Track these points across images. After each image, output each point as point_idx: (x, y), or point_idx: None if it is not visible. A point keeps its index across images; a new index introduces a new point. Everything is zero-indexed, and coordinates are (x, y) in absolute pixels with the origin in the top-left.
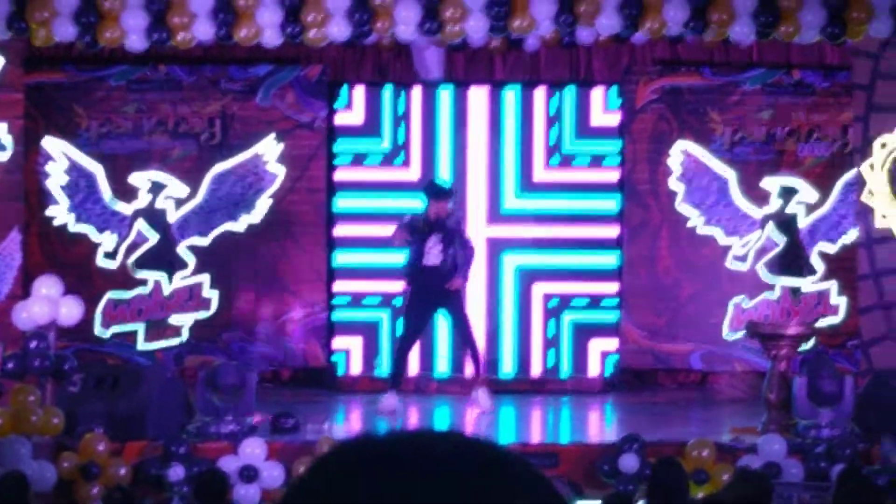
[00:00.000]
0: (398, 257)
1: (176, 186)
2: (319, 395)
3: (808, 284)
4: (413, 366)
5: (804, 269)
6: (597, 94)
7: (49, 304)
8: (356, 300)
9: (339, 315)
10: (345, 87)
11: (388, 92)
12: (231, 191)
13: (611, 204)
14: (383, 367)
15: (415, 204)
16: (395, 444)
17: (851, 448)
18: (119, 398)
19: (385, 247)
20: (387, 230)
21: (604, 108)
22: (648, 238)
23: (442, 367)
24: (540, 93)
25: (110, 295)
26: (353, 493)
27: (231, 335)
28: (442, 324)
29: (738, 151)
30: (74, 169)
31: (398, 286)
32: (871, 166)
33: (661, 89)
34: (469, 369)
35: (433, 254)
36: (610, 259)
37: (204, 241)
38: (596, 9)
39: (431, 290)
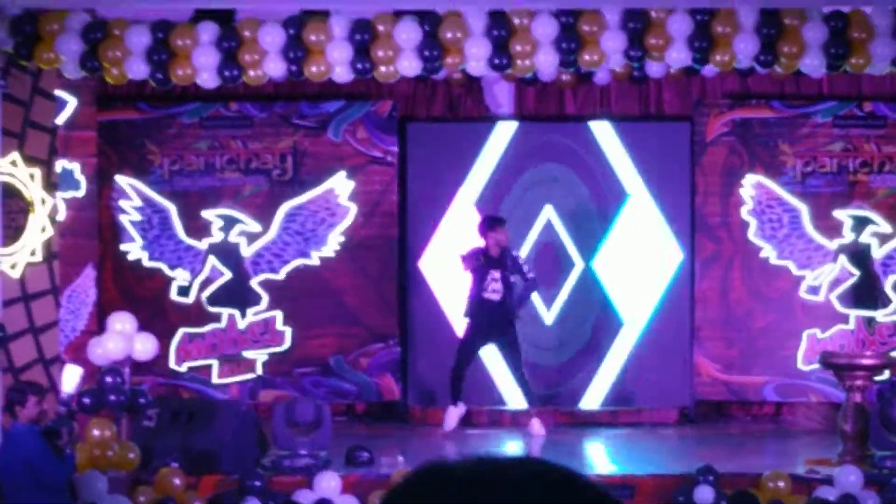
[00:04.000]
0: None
1: (248, 222)
2: (393, 428)
3: (882, 315)
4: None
5: (878, 300)
6: (667, 127)
7: (124, 339)
8: (427, 332)
9: (411, 348)
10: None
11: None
12: (303, 227)
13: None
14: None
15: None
16: (469, 470)
17: None
18: (194, 432)
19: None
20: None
21: (675, 142)
22: (720, 270)
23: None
24: (610, 126)
25: (184, 330)
26: None
27: (304, 369)
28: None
29: (809, 183)
30: (147, 205)
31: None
32: None
33: (731, 122)
34: (519, 400)
35: (493, 288)
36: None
37: (277, 277)
38: (666, 42)
39: (491, 323)
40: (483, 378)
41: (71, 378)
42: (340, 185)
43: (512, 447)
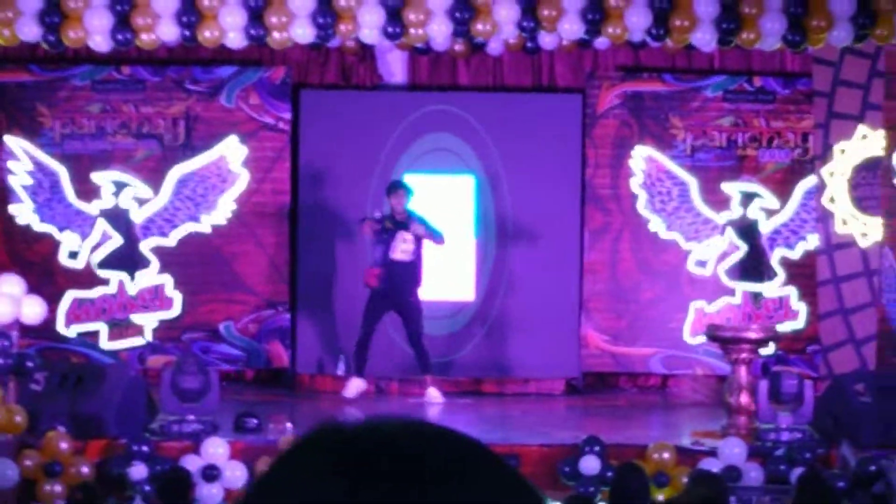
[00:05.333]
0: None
1: (139, 187)
2: (282, 394)
3: (768, 289)
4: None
5: (765, 274)
6: (560, 98)
7: (12, 302)
8: (318, 300)
9: (301, 315)
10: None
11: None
12: (194, 192)
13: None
14: (342, 370)
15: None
16: (357, 430)
17: (811, 452)
18: (82, 397)
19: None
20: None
21: (566, 114)
22: (609, 242)
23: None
24: (502, 97)
25: (74, 294)
26: (317, 485)
27: (194, 335)
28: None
29: (699, 157)
30: (38, 168)
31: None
32: (832, 173)
33: (623, 94)
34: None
35: (402, 249)
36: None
37: (167, 242)
38: (559, 14)
39: (398, 285)
40: (382, 346)
41: None
42: (232, 150)
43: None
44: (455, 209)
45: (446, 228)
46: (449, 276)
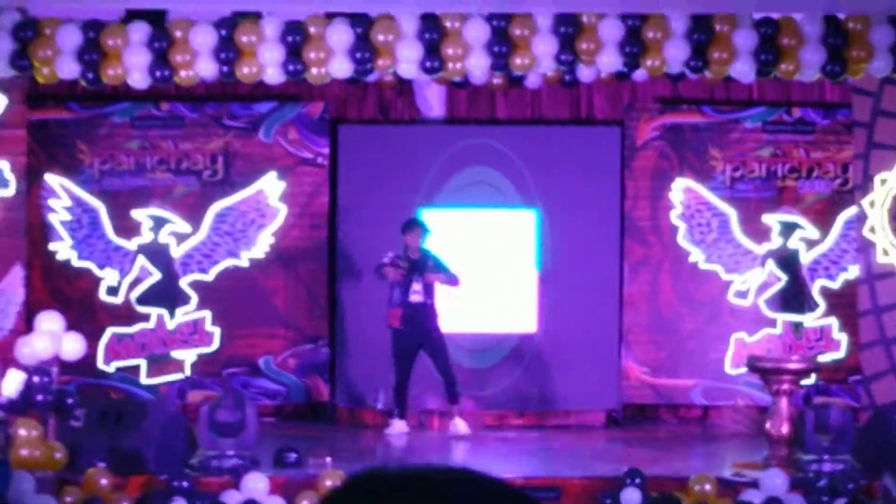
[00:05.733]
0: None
1: (178, 223)
2: (322, 429)
3: (809, 320)
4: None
5: (806, 304)
6: (598, 131)
7: (51, 339)
8: (357, 333)
9: (340, 349)
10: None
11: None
12: (233, 227)
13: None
14: (382, 403)
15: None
16: (404, 478)
17: (853, 483)
18: (122, 433)
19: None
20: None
21: (605, 146)
22: (649, 274)
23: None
24: (540, 130)
25: (113, 330)
26: None
27: (233, 370)
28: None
29: (738, 188)
30: (77, 205)
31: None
32: (872, 203)
33: (661, 127)
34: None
35: (414, 290)
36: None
37: (206, 277)
38: (597, 47)
39: (417, 326)
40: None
41: (13, 382)
42: (271, 186)
43: (448, 451)
44: (503, 243)
45: (460, 268)
46: (506, 308)
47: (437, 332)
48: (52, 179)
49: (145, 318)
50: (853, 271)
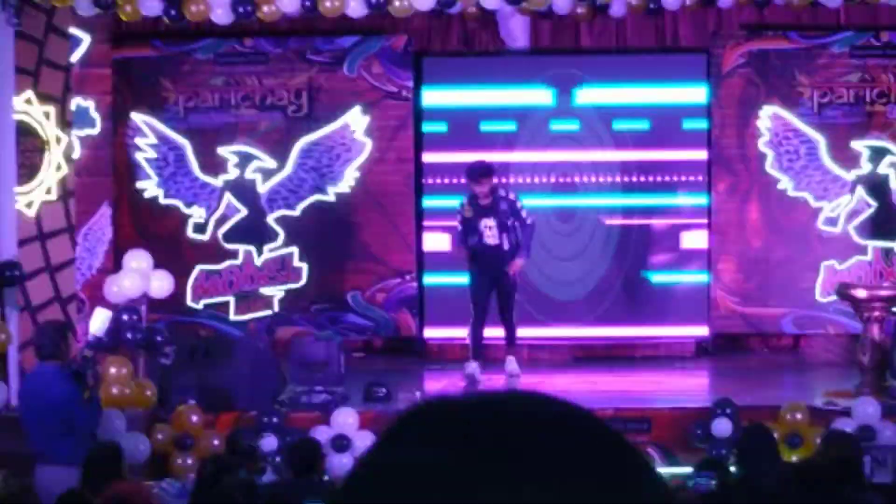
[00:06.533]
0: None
1: (264, 159)
2: (411, 363)
3: None
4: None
5: None
6: (684, 59)
7: (140, 277)
8: (445, 268)
9: (429, 283)
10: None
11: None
12: (319, 162)
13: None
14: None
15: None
16: (468, 405)
17: None
18: (211, 370)
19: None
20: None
21: (691, 74)
22: (737, 202)
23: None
24: (626, 58)
25: (201, 267)
26: (427, 454)
27: (321, 306)
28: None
29: (826, 114)
30: (163, 143)
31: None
32: None
33: (748, 53)
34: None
35: (487, 235)
36: (702, 203)
37: (293, 213)
38: None
39: (490, 269)
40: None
41: (99, 320)
42: (356, 120)
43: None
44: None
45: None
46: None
47: (508, 276)
48: (137, 118)
49: (233, 254)
50: None
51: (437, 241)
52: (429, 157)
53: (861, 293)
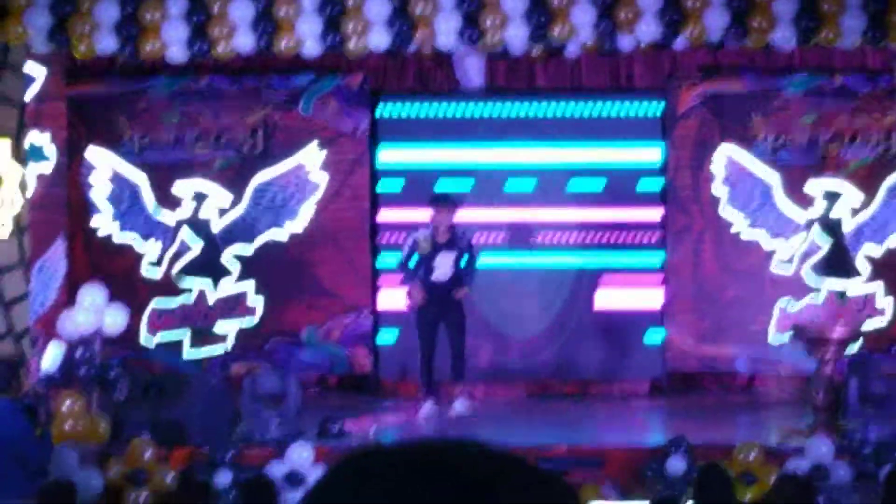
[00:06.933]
0: None
1: (219, 195)
2: (365, 400)
3: (853, 287)
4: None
5: (850, 271)
6: (639, 101)
7: (94, 312)
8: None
9: (383, 319)
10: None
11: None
12: (274, 199)
13: (655, 211)
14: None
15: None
16: (405, 452)
17: None
18: (165, 405)
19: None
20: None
21: (646, 115)
22: (692, 243)
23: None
24: (582, 101)
25: (155, 303)
26: (363, 498)
27: (276, 342)
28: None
29: (781, 156)
30: (118, 179)
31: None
32: None
33: (703, 95)
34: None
35: (439, 272)
36: (655, 263)
37: (248, 250)
38: (636, 15)
39: (438, 303)
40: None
41: (52, 355)
42: (311, 158)
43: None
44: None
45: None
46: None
47: (460, 307)
48: (92, 154)
49: (187, 291)
50: None
51: (392, 299)
52: (385, 215)
53: (814, 333)
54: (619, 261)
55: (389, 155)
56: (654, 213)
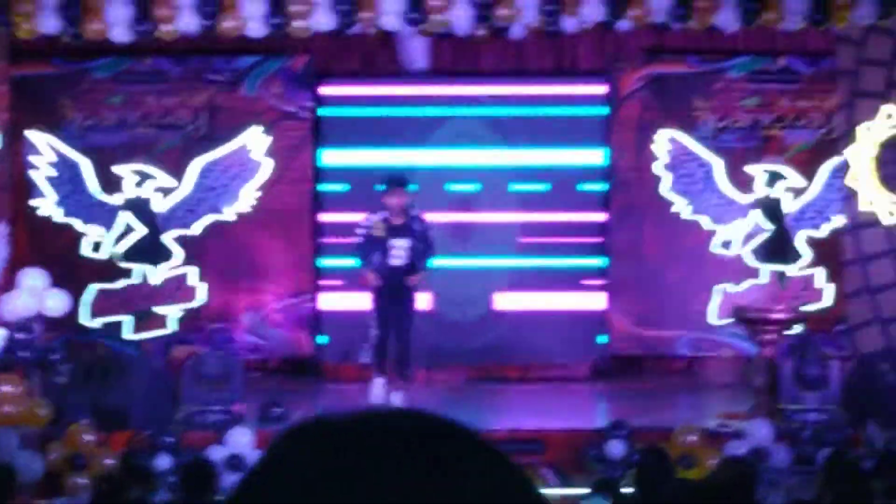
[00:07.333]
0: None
1: (162, 178)
2: (306, 383)
3: (794, 270)
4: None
5: (790, 254)
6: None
7: (35, 295)
8: (342, 287)
9: (325, 303)
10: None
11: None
12: (217, 182)
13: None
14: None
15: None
16: (348, 423)
17: (838, 432)
18: (106, 389)
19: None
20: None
21: (589, 97)
22: (634, 225)
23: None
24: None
25: (97, 286)
26: (306, 468)
27: (218, 325)
28: None
29: (723, 138)
30: (60, 161)
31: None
32: (857, 152)
33: (646, 77)
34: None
35: (395, 255)
36: (596, 244)
37: (190, 232)
38: None
39: (392, 289)
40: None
41: None
42: (255, 140)
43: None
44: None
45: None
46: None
47: (410, 295)
48: (34, 135)
49: (129, 273)
50: (838, 221)
51: (333, 301)
52: (326, 217)
53: (755, 316)
54: (563, 263)
55: (332, 156)
56: (597, 216)
